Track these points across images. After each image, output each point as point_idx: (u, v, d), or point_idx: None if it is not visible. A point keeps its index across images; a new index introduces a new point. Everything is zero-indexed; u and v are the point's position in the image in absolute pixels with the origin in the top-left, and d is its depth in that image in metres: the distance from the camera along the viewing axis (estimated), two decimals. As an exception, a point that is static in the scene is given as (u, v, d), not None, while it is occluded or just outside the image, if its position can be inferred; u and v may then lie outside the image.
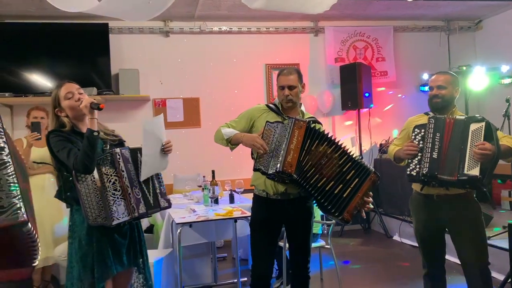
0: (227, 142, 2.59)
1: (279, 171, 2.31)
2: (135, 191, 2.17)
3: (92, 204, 2.07)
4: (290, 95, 2.56)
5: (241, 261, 3.97)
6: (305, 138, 2.35)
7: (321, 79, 5.84)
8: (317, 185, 2.34)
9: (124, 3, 2.41)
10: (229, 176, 4.90)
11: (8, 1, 4.47)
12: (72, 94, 2.18)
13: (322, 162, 2.35)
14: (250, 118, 2.65)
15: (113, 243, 2.16)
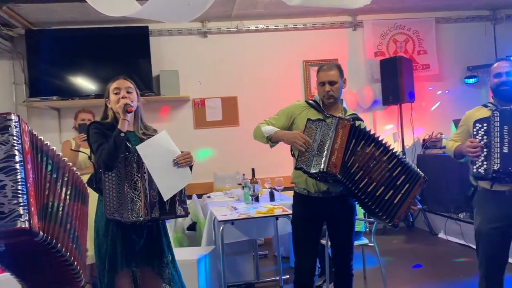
0: (267, 140, 2.56)
1: (323, 171, 2.28)
2: (153, 194, 2.17)
3: (112, 198, 2.11)
4: (331, 91, 2.50)
5: (282, 259, 3.96)
6: (349, 138, 2.30)
7: (361, 74, 5.74)
8: (367, 190, 2.30)
9: (165, 6, 2.46)
10: (269, 174, 4.91)
11: (55, 8, 4.66)
12: (119, 90, 2.26)
13: (371, 165, 2.30)
14: (290, 115, 2.61)
15: (127, 240, 2.18)
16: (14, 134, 1.15)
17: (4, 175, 1.11)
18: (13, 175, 1.12)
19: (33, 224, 1.12)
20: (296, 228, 2.60)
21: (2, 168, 1.11)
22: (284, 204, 3.53)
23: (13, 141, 1.14)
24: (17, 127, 1.17)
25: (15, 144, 1.15)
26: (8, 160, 1.13)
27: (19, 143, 1.16)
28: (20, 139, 1.17)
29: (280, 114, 2.64)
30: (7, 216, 1.08)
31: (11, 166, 1.12)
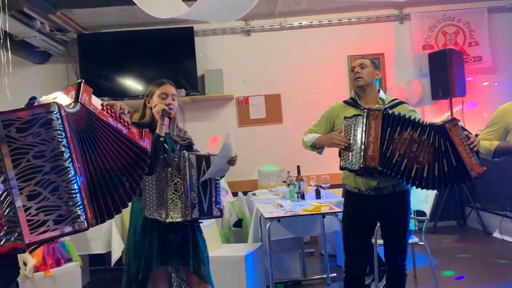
0: (312, 148, 2.62)
1: (362, 166, 2.27)
2: (193, 196, 2.22)
3: (152, 198, 2.17)
4: (359, 73, 2.51)
5: (329, 257, 3.94)
6: (383, 128, 2.28)
7: (408, 68, 5.58)
8: (423, 177, 2.26)
9: (212, 6, 2.49)
10: (314, 171, 4.87)
11: (104, 12, 4.83)
12: (165, 96, 2.31)
13: (413, 149, 2.26)
14: (330, 118, 2.64)
15: (163, 239, 2.23)
16: (58, 129, 1.08)
17: (56, 176, 1.07)
18: (64, 175, 1.08)
19: (89, 221, 1.11)
20: (346, 226, 2.58)
21: (53, 168, 1.07)
22: (331, 202, 3.50)
23: (58, 136, 1.08)
24: (59, 118, 1.09)
25: (61, 139, 1.08)
26: (57, 159, 1.07)
27: (64, 136, 1.09)
28: (64, 130, 1.09)
29: (321, 120, 2.70)
30: (65, 219, 1.06)
31: (61, 165, 1.07)
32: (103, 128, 1.28)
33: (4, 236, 1.01)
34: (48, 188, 1.05)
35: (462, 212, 5.46)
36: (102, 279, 4.47)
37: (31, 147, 1.06)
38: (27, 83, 5.31)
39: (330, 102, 2.76)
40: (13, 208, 1.03)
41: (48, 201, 1.05)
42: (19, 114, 1.06)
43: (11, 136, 1.05)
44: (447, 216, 5.36)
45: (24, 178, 1.05)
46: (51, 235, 1.04)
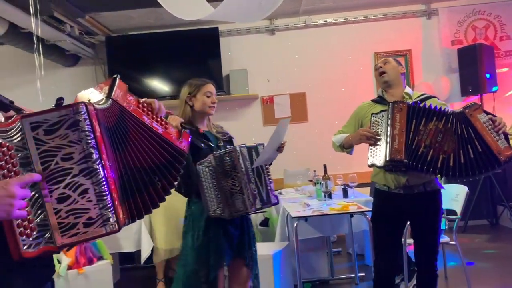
0: (341, 148, 2.62)
1: (388, 159, 2.26)
2: (252, 187, 2.25)
3: (212, 196, 2.20)
4: (382, 67, 2.52)
5: (357, 256, 3.90)
6: (409, 120, 2.27)
7: (437, 64, 5.46)
8: (449, 166, 2.22)
9: (238, 7, 2.51)
10: (340, 170, 4.84)
11: (131, 14, 4.92)
12: (211, 94, 2.39)
13: (438, 139, 2.24)
14: (358, 118, 2.65)
15: (228, 235, 2.29)
16: (85, 129, 1.05)
17: (85, 178, 1.04)
18: (94, 177, 1.05)
19: (120, 222, 1.09)
20: (376, 226, 2.56)
21: (82, 171, 1.04)
22: (359, 201, 3.46)
23: (87, 138, 1.05)
24: (86, 118, 1.06)
25: (89, 140, 1.05)
26: (86, 161, 1.05)
27: (92, 137, 1.06)
28: (92, 131, 1.06)
29: (349, 120, 2.72)
30: (95, 222, 1.05)
31: (90, 167, 1.05)
32: (136, 126, 1.25)
33: (34, 240, 1.00)
34: (77, 191, 1.04)
35: (494, 211, 5.32)
36: (132, 276, 4.56)
37: (59, 149, 1.04)
38: (58, 86, 5.45)
39: (357, 100, 2.75)
40: (43, 211, 1.03)
41: (77, 204, 1.04)
42: (46, 115, 1.04)
43: (39, 139, 1.03)
44: (478, 214, 5.22)
45: (53, 181, 1.03)
46: (82, 238, 1.04)
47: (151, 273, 4.03)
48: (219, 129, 2.52)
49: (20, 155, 1.01)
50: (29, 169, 1.02)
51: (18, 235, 0.97)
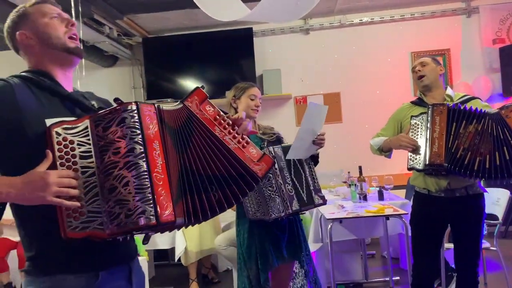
0: (380, 151, 2.59)
1: (427, 163, 2.21)
2: (288, 188, 2.22)
3: (251, 199, 2.20)
4: (421, 71, 2.46)
5: (391, 260, 3.83)
6: (449, 123, 2.22)
7: (477, 63, 5.29)
8: (485, 168, 2.18)
9: (274, 7, 2.51)
10: (375, 171, 4.77)
11: (168, 16, 5.01)
12: (255, 97, 2.43)
13: (476, 141, 2.19)
14: (397, 120, 2.61)
15: (273, 237, 2.27)
16: (132, 126, 1.12)
17: (127, 171, 1.10)
18: (135, 170, 1.10)
19: (162, 217, 1.10)
20: (415, 229, 2.50)
21: (125, 164, 1.11)
22: (394, 204, 3.40)
23: (132, 133, 1.12)
24: (135, 116, 1.13)
25: (133, 136, 1.12)
26: (129, 155, 1.11)
27: (138, 133, 1.12)
28: (140, 128, 1.13)
29: (388, 123, 2.68)
30: (132, 214, 1.09)
31: (131, 161, 1.11)
32: (201, 132, 1.27)
33: (82, 224, 1.11)
34: (122, 182, 1.11)
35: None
36: (166, 273, 4.64)
37: (111, 144, 1.13)
38: (97, 86, 5.61)
39: (393, 101, 2.71)
40: (97, 200, 1.13)
41: (121, 195, 1.10)
42: (105, 114, 1.15)
43: (99, 135, 1.15)
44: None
45: (107, 173, 1.13)
46: (125, 229, 1.10)
47: (184, 270, 4.09)
48: (268, 130, 2.52)
49: (81, 149, 1.15)
50: (89, 162, 1.14)
51: (65, 217, 1.11)
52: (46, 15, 1.33)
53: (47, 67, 1.32)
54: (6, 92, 1.20)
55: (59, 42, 1.31)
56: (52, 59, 1.32)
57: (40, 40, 1.31)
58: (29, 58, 1.34)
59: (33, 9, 1.34)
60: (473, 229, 2.38)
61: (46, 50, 1.31)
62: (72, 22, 1.37)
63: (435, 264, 2.51)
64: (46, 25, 1.31)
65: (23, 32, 1.31)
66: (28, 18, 1.33)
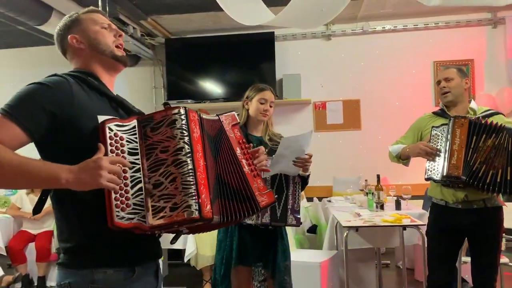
0: (398, 159, 2.58)
1: (445, 175, 2.20)
2: None
3: None
4: (446, 87, 2.43)
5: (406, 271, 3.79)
6: (469, 136, 2.21)
7: (501, 75, 5.20)
8: (496, 181, 2.17)
9: (299, 14, 2.52)
10: (393, 180, 4.72)
11: (191, 18, 5.05)
12: (265, 101, 2.42)
13: (492, 155, 2.18)
14: (417, 129, 2.60)
15: (242, 239, 2.33)
16: (180, 127, 1.22)
17: (175, 168, 1.20)
18: (181, 167, 1.20)
19: (203, 212, 1.18)
20: (431, 240, 2.48)
21: (173, 162, 1.20)
22: (412, 214, 3.36)
23: (180, 134, 1.22)
24: (184, 119, 1.24)
25: (182, 137, 1.22)
26: (177, 153, 1.21)
27: (186, 135, 1.22)
28: (188, 130, 1.24)
29: (408, 132, 2.67)
30: (178, 207, 1.17)
31: (180, 159, 1.20)
32: (226, 147, 1.42)
33: (128, 215, 1.18)
34: (168, 178, 1.20)
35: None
36: (178, 272, 4.67)
37: (159, 143, 1.23)
38: (119, 84, 5.64)
39: (413, 110, 2.70)
40: (141, 194, 1.21)
41: (167, 190, 1.19)
42: (154, 116, 1.26)
43: (146, 134, 1.25)
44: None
45: (152, 169, 1.22)
46: (168, 221, 1.17)
47: (196, 271, 4.11)
48: (276, 137, 2.48)
49: (130, 146, 1.24)
50: (136, 158, 1.24)
51: (114, 206, 1.17)
52: (97, 23, 1.43)
53: (94, 69, 1.41)
54: (66, 88, 1.28)
55: (107, 49, 1.41)
56: (99, 63, 1.41)
57: (90, 45, 1.40)
58: (77, 60, 1.43)
59: (85, 16, 1.44)
60: (491, 242, 2.35)
61: (95, 55, 1.40)
62: (120, 33, 1.48)
63: (450, 276, 2.48)
64: (97, 32, 1.41)
65: (74, 36, 1.41)
66: (80, 23, 1.43)
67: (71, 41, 1.41)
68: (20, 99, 1.23)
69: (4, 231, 4.30)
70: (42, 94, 1.24)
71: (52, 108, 1.23)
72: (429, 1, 2.45)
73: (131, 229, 1.18)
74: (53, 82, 1.28)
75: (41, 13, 3.84)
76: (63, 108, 1.25)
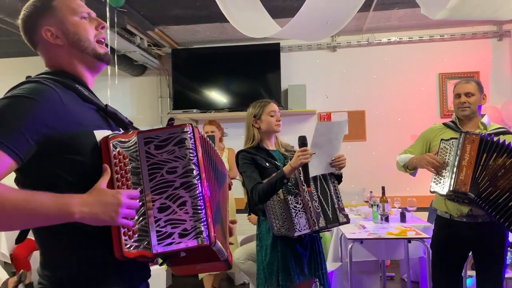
0: (405, 168, 2.58)
1: (452, 190, 2.18)
2: (315, 205, 2.24)
3: (277, 215, 2.22)
4: (466, 102, 2.41)
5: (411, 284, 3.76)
6: (479, 153, 2.18)
7: (506, 87, 5.20)
8: (497, 201, 2.14)
9: (305, 26, 2.54)
10: (398, 192, 4.70)
11: (197, 28, 5.10)
12: (274, 113, 2.45)
13: (498, 174, 2.15)
14: (426, 140, 2.58)
15: (296, 254, 2.28)
16: (190, 147, 1.14)
17: (185, 191, 1.11)
18: (192, 191, 1.12)
19: (211, 238, 1.11)
20: (435, 253, 2.47)
21: (182, 184, 1.12)
22: (417, 227, 3.34)
23: (190, 154, 1.13)
24: (192, 138, 1.15)
25: (192, 157, 1.13)
26: (187, 175, 1.12)
27: (195, 155, 1.14)
28: (195, 150, 1.15)
29: (417, 141, 2.66)
30: (189, 233, 1.09)
31: (190, 181, 1.12)
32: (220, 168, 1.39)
33: (135, 243, 1.08)
34: (177, 202, 1.11)
35: None
36: (181, 282, 4.65)
37: (165, 163, 1.13)
38: (126, 94, 5.76)
39: (418, 122, 2.69)
40: (145, 218, 1.10)
41: (175, 214, 1.10)
42: (158, 133, 1.15)
43: (150, 152, 1.13)
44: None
45: (157, 191, 1.12)
46: (176, 248, 1.09)
47: (199, 280, 4.10)
48: (289, 147, 2.55)
49: (132, 164, 1.12)
50: (139, 178, 1.12)
51: (122, 235, 1.06)
52: (75, 13, 1.20)
53: (76, 69, 1.21)
54: (56, 100, 1.08)
55: (89, 46, 1.20)
56: (80, 62, 1.21)
57: (69, 40, 1.18)
58: (52, 57, 1.20)
59: (59, 3, 1.19)
60: (496, 256, 2.33)
61: (75, 53, 1.20)
62: (103, 24, 1.25)
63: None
64: (77, 25, 1.19)
65: (48, 28, 1.17)
66: (55, 11, 1.18)
67: (45, 35, 1.17)
68: (8, 120, 1.00)
69: (9, 239, 4.32)
70: (34, 113, 1.02)
71: (44, 129, 1.03)
72: (435, 15, 2.46)
73: (136, 258, 1.08)
74: (41, 95, 1.05)
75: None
76: (55, 127, 1.05)
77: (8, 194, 0.95)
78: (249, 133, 2.47)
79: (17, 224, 1.01)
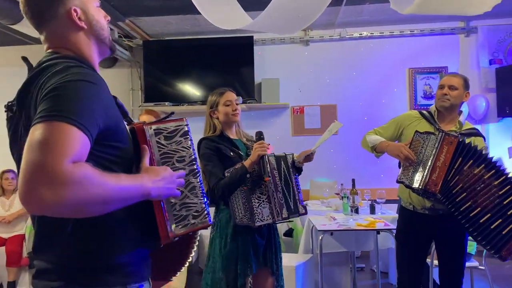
0: (372, 149, 2.56)
1: (421, 187, 2.20)
2: (279, 196, 2.27)
3: (239, 205, 2.22)
4: (448, 95, 2.41)
5: (381, 274, 3.84)
6: (455, 156, 2.18)
7: (473, 83, 5.21)
8: (468, 214, 2.14)
9: (276, 19, 2.54)
10: (368, 185, 4.78)
11: (170, 20, 5.03)
12: (230, 103, 2.39)
13: (477, 187, 2.14)
14: (400, 125, 2.56)
15: (254, 243, 2.29)
16: (191, 138, 1.27)
17: (193, 177, 1.24)
18: (198, 177, 1.26)
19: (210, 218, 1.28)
20: (399, 244, 2.53)
21: (191, 171, 1.24)
22: (386, 218, 3.42)
23: (191, 145, 1.27)
24: (189, 130, 1.27)
25: (193, 147, 1.27)
26: (193, 163, 1.25)
27: (192, 144, 1.27)
28: (192, 141, 1.28)
29: (389, 124, 2.61)
30: (200, 214, 1.24)
31: (195, 169, 1.26)
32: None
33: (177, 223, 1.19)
34: (188, 187, 1.23)
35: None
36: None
37: (175, 152, 1.23)
38: (95, 86, 5.62)
39: (388, 115, 2.70)
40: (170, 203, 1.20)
41: (188, 198, 1.23)
42: (166, 124, 1.23)
43: (160, 143, 1.21)
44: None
45: None
46: (191, 229, 1.21)
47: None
48: (250, 137, 2.53)
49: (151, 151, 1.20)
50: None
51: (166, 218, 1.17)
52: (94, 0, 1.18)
53: (91, 55, 1.18)
54: (105, 85, 1.12)
55: (107, 35, 1.21)
56: (97, 48, 1.20)
57: (91, 27, 1.16)
58: (69, 39, 1.14)
59: None
60: (457, 244, 2.40)
61: (93, 40, 1.18)
62: (108, 16, 1.24)
63: (419, 280, 2.52)
64: (98, 13, 1.18)
65: (76, 8, 1.12)
66: None
67: (73, 14, 1.11)
68: (80, 103, 0.98)
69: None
70: (98, 96, 1.03)
71: (103, 112, 1.04)
72: (403, 9, 2.50)
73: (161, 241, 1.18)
74: (99, 82, 1.07)
75: (16, 12, 3.76)
76: (108, 110, 1.07)
77: (110, 180, 0.96)
78: (207, 124, 2.42)
79: (109, 208, 0.99)
